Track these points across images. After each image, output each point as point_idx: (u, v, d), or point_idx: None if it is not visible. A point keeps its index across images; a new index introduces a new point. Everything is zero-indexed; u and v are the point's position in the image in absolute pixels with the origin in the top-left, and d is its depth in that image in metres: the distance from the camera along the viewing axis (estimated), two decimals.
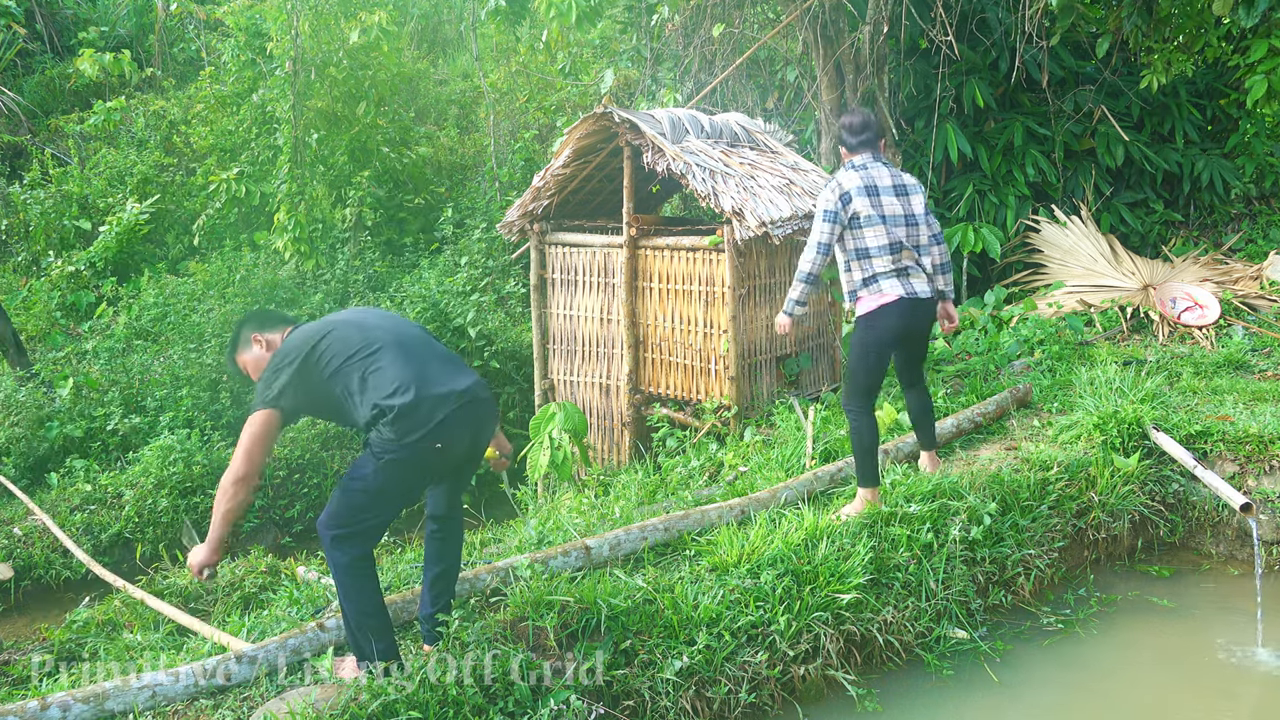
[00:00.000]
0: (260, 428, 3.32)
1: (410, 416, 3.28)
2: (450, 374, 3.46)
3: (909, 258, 4.72)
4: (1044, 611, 4.84)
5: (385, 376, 3.34)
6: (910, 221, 4.76)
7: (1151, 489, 5.54)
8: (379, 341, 3.43)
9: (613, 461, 7.16)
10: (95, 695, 3.29)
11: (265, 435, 3.33)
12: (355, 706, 3.21)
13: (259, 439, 3.32)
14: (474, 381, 3.50)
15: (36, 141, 13.41)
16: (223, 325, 9.56)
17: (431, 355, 3.50)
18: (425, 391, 3.33)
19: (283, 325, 3.68)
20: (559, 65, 12.14)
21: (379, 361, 3.37)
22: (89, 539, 7.17)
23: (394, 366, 3.36)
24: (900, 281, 4.69)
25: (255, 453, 3.32)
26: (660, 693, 3.67)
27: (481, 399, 3.50)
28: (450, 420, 3.35)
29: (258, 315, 3.74)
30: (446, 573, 3.74)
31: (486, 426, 3.57)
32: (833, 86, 9.89)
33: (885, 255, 4.67)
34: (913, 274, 4.74)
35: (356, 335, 3.45)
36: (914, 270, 4.74)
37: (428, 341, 3.59)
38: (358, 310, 3.73)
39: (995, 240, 9.92)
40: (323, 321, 3.54)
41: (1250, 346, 7.69)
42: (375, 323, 3.55)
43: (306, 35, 10.51)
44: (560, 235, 7.39)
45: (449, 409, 3.35)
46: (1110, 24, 9.56)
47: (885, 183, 4.79)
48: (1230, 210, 10.70)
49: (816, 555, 4.30)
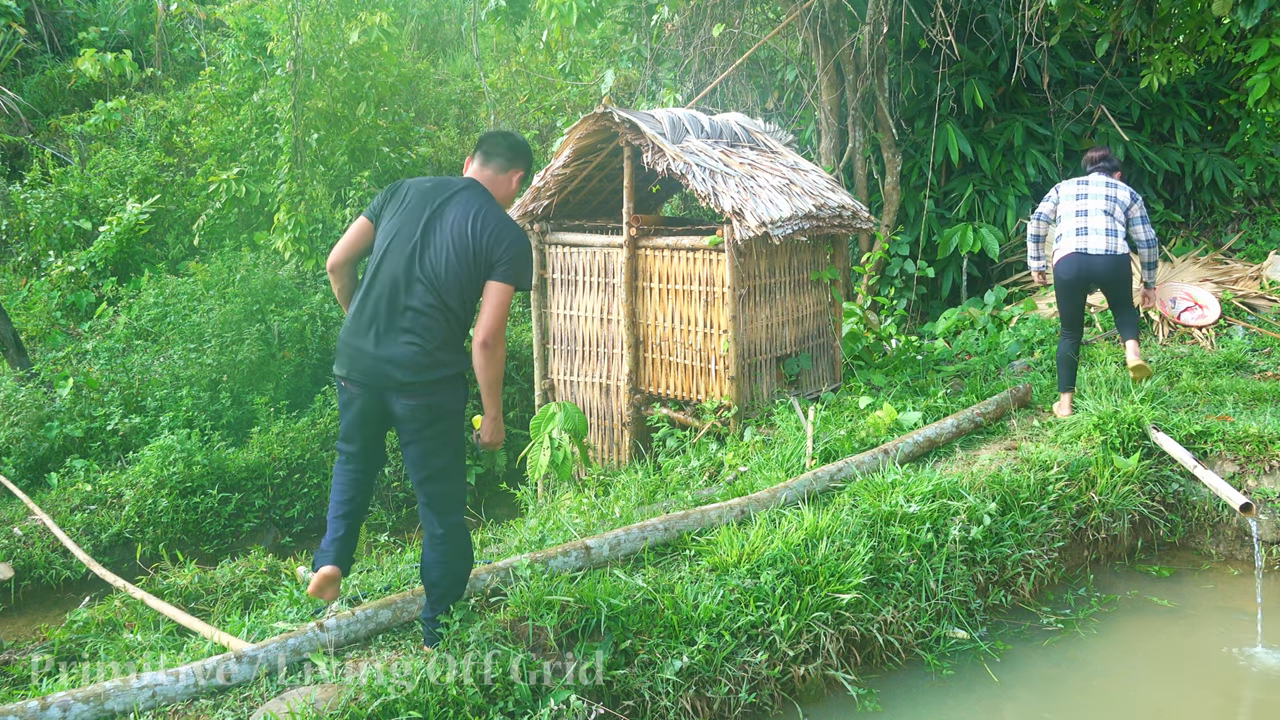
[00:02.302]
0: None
1: (338, 350, 3.60)
2: (374, 335, 3.48)
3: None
4: (1044, 611, 4.84)
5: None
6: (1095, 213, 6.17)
7: (1151, 489, 5.55)
8: (372, 263, 3.61)
9: (613, 461, 7.16)
10: (95, 695, 3.29)
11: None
12: (355, 706, 3.21)
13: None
14: (390, 353, 3.45)
15: (37, 141, 13.41)
16: (223, 325, 9.57)
17: (386, 305, 3.49)
18: (345, 337, 3.56)
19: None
20: (559, 65, 12.14)
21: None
22: (89, 539, 7.17)
23: (355, 298, 3.59)
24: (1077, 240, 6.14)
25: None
26: (660, 693, 3.67)
27: (387, 371, 3.45)
28: (352, 378, 3.53)
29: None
30: (426, 567, 3.63)
31: (394, 401, 3.49)
32: (833, 86, 9.89)
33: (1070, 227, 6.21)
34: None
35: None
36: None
37: (402, 288, 3.50)
38: (417, 217, 3.63)
39: (995, 240, 9.92)
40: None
41: (1250, 346, 7.69)
42: (397, 246, 3.57)
43: (307, 35, 10.51)
44: (560, 235, 7.39)
45: (350, 365, 3.53)
46: (1110, 24, 9.56)
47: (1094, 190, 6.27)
48: (1230, 210, 10.70)
49: (816, 555, 4.30)
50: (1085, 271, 6.09)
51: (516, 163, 3.76)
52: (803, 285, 6.95)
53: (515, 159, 3.75)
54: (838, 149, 10.03)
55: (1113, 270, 6.09)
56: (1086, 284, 6.21)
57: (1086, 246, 6.07)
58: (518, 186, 3.82)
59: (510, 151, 3.75)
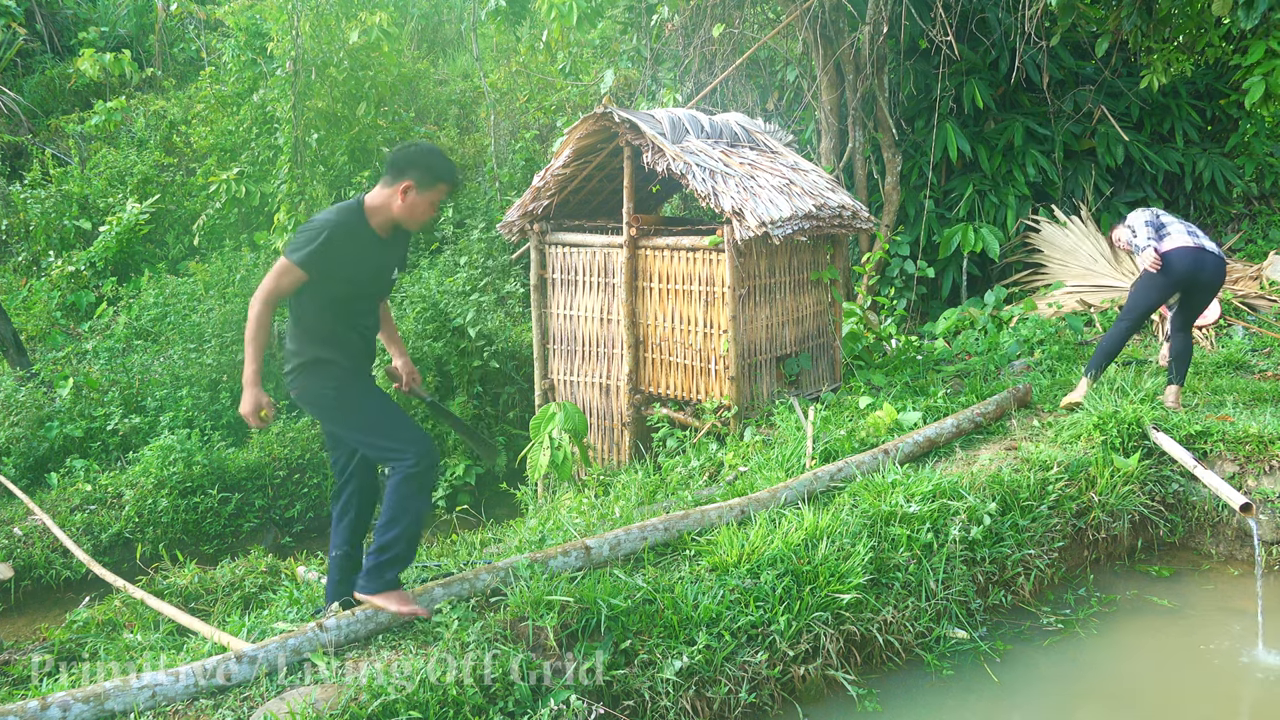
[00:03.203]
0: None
1: None
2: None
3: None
4: (1044, 611, 4.84)
5: None
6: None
7: (1151, 489, 5.54)
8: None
9: (613, 461, 7.16)
10: (95, 695, 3.29)
11: None
12: (355, 706, 3.21)
13: None
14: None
15: (37, 141, 13.42)
16: (223, 325, 9.57)
17: None
18: None
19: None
20: (559, 65, 12.14)
21: None
22: (89, 539, 7.17)
23: None
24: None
25: None
26: (660, 693, 3.67)
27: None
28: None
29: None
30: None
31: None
32: (833, 86, 9.90)
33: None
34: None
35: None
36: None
37: None
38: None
39: (995, 240, 9.92)
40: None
41: (1250, 346, 7.69)
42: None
43: (307, 35, 10.51)
44: (560, 235, 7.39)
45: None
46: (1110, 24, 9.57)
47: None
48: (1230, 210, 10.71)
49: (816, 555, 4.30)
50: (1199, 266, 6.11)
51: (402, 174, 3.70)
52: (803, 285, 6.95)
53: (397, 171, 3.72)
54: (838, 149, 10.03)
55: (1219, 273, 6.19)
56: (1192, 280, 6.17)
57: (1203, 244, 6.15)
58: (417, 197, 3.72)
59: (391, 166, 3.74)
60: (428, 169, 3.71)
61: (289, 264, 3.60)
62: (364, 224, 3.71)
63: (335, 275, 3.65)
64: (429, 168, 3.71)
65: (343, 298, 3.72)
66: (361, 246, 3.70)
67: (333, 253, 3.59)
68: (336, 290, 3.69)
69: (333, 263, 3.61)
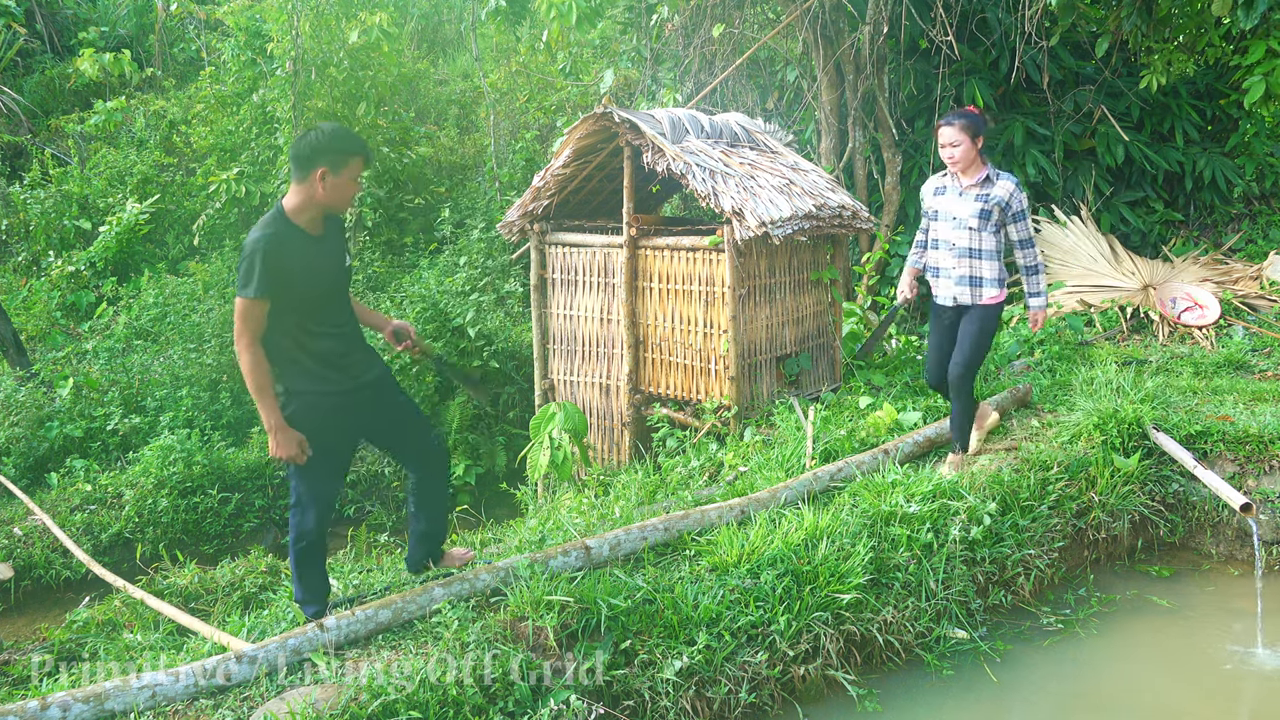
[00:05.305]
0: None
1: None
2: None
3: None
4: (1044, 611, 4.84)
5: None
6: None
7: (1151, 489, 5.54)
8: None
9: (613, 461, 7.16)
10: (95, 695, 3.29)
11: None
12: (355, 706, 3.22)
13: None
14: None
15: (36, 141, 13.42)
16: (223, 325, 9.57)
17: None
18: None
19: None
20: (559, 65, 12.14)
21: None
22: (89, 539, 7.17)
23: None
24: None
25: None
26: (660, 693, 3.67)
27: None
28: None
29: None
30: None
31: None
32: (833, 86, 9.89)
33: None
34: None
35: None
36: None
37: None
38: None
39: None
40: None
41: (1250, 346, 7.69)
42: None
43: (307, 35, 10.51)
44: (560, 235, 7.39)
45: None
46: (1110, 24, 9.56)
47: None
48: (1230, 210, 10.70)
49: (816, 555, 4.30)
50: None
51: (312, 164, 3.61)
52: (803, 285, 6.95)
53: (305, 164, 3.62)
54: (838, 149, 10.03)
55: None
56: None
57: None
58: (335, 180, 3.65)
59: (296, 161, 3.64)
60: (335, 150, 3.64)
61: (247, 301, 3.52)
62: (291, 228, 3.63)
63: (291, 286, 3.56)
64: (336, 149, 3.64)
65: (310, 304, 3.65)
66: (298, 249, 3.61)
67: (277, 266, 3.51)
68: (298, 300, 3.60)
69: (281, 274, 3.52)
